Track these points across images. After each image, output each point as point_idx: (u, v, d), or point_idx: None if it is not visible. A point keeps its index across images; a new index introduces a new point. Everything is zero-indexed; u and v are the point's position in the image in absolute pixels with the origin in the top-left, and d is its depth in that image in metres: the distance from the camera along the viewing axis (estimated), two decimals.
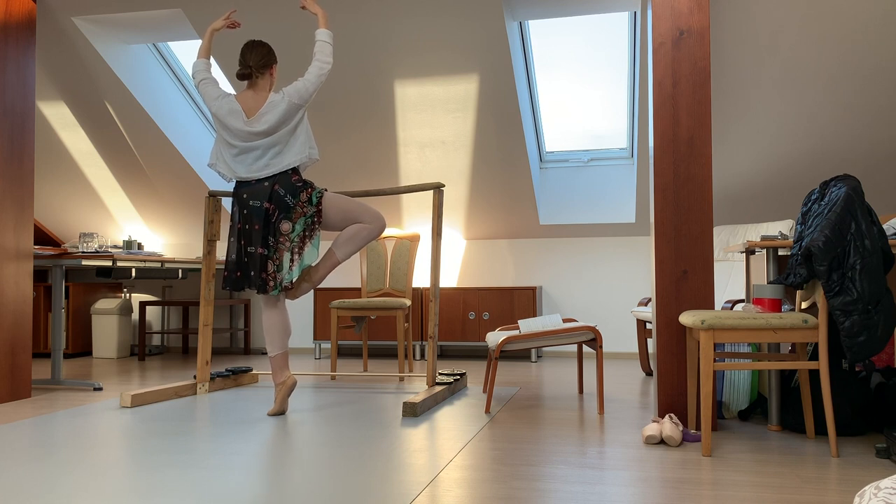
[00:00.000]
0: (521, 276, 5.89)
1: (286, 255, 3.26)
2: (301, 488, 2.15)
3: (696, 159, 3.06)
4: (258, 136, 3.25)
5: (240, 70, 3.33)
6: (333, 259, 3.35)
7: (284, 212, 3.25)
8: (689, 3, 3.08)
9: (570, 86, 5.26)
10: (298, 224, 3.27)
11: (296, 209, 3.26)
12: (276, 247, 3.25)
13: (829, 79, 4.21)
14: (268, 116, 3.24)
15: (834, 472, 2.34)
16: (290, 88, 3.25)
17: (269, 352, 3.38)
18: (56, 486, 2.18)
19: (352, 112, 5.06)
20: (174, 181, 5.86)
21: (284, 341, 3.38)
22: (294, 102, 3.24)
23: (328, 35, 3.32)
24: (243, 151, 3.27)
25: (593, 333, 3.42)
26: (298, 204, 3.26)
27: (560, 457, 2.54)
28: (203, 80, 3.40)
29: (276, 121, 3.23)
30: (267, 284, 3.25)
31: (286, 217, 3.25)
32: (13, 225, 3.84)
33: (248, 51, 3.33)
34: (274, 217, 3.25)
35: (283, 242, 3.26)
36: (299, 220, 3.27)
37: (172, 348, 6.50)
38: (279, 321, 3.37)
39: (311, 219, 3.29)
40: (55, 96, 5.31)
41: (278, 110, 3.24)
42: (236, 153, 3.29)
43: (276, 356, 3.36)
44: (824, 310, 2.58)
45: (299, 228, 3.28)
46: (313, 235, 3.29)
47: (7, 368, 3.77)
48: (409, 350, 4.85)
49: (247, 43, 3.35)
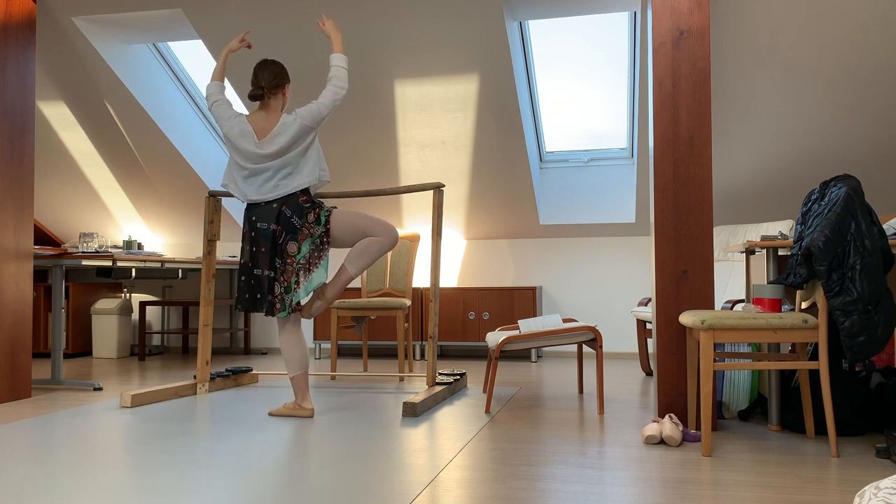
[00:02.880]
0: (521, 276, 5.89)
1: (293, 277, 3.22)
2: (301, 488, 2.15)
3: (696, 159, 3.06)
4: (269, 158, 3.22)
5: (252, 91, 3.28)
6: (346, 275, 3.28)
7: (291, 233, 3.20)
8: (689, 3, 3.08)
9: (569, 86, 5.26)
10: (305, 245, 3.23)
11: (302, 230, 3.22)
12: (283, 268, 3.20)
13: (829, 79, 4.21)
14: (279, 138, 3.20)
15: (834, 472, 2.34)
16: (303, 110, 3.21)
17: (288, 373, 3.31)
18: (56, 486, 2.18)
19: (352, 112, 5.06)
20: (174, 181, 5.86)
21: (302, 361, 3.32)
22: (307, 125, 3.20)
23: (343, 60, 3.28)
24: (254, 174, 3.25)
25: (593, 333, 3.42)
26: (305, 225, 3.22)
27: (560, 457, 2.54)
28: (216, 101, 3.36)
29: (287, 142, 3.20)
30: (274, 307, 3.21)
31: (292, 238, 3.21)
32: (13, 225, 3.84)
33: (260, 70, 3.28)
34: (281, 238, 3.21)
35: (290, 264, 3.21)
36: (305, 241, 3.22)
37: (172, 348, 6.50)
38: (292, 342, 3.31)
39: (318, 239, 3.24)
40: (55, 96, 5.31)
41: (290, 132, 3.20)
42: (247, 175, 3.26)
43: (296, 377, 3.31)
44: (824, 310, 2.58)
45: (306, 250, 3.23)
46: (322, 256, 3.25)
47: (7, 368, 3.77)
48: (409, 350, 4.85)
49: (259, 62, 3.31)
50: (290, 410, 3.30)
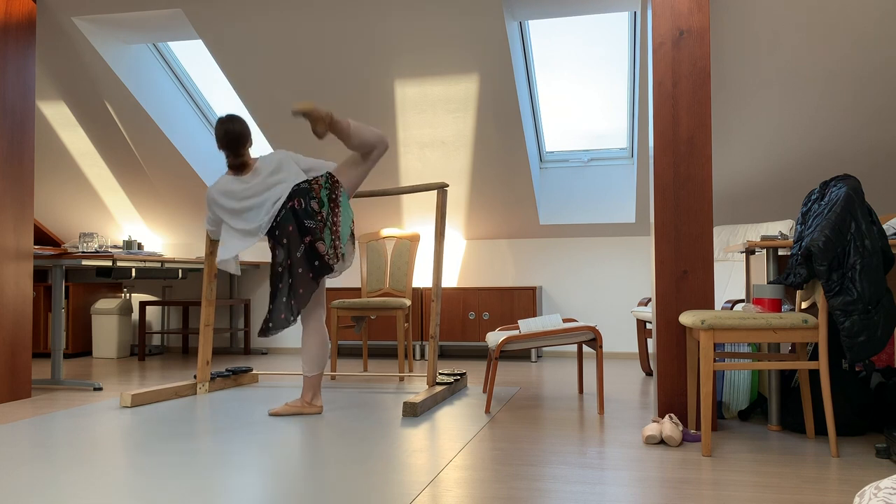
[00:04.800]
0: (521, 276, 5.89)
1: (327, 230, 3.26)
2: (301, 488, 2.15)
3: (696, 159, 3.06)
4: (257, 185, 3.27)
5: (231, 162, 3.33)
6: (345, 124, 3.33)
7: (306, 196, 3.26)
8: (689, 3, 3.08)
9: (570, 86, 5.26)
10: (323, 195, 3.28)
11: (313, 187, 3.28)
12: (317, 226, 3.24)
13: (829, 79, 4.21)
14: (262, 166, 3.30)
15: (834, 472, 2.34)
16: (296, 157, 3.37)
17: (306, 371, 3.35)
18: (56, 487, 2.18)
19: (352, 112, 5.06)
20: (174, 181, 5.86)
21: (323, 361, 3.36)
22: (296, 161, 3.32)
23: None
24: (251, 208, 3.28)
25: (593, 333, 3.42)
26: (314, 182, 3.29)
27: (560, 457, 2.54)
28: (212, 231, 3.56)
29: (273, 166, 3.29)
30: (327, 265, 3.23)
31: (311, 198, 3.26)
32: (13, 225, 3.84)
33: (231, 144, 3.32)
34: (301, 206, 3.25)
35: (319, 220, 3.26)
36: (321, 193, 3.28)
37: (172, 348, 6.50)
38: (317, 342, 3.34)
39: (327, 182, 3.29)
40: (55, 96, 5.31)
41: (274, 158, 3.31)
42: (244, 210, 3.28)
43: (314, 376, 3.36)
44: (824, 310, 2.58)
45: (325, 200, 3.28)
46: (338, 197, 3.29)
47: (7, 368, 3.77)
48: (410, 350, 4.85)
49: (224, 136, 3.31)
50: (297, 409, 3.31)
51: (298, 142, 5.37)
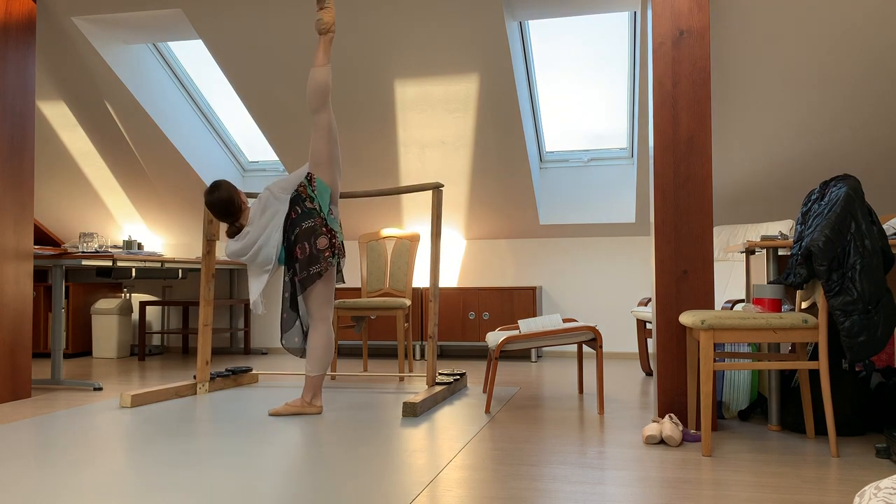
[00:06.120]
0: (520, 276, 5.89)
1: (324, 223, 3.34)
2: (301, 488, 2.15)
3: (696, 159, 3.06)
4: (256, 231, 3.30)
5: (229, 231, 3.38)
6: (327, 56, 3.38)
7: (301, 202, 3.31)
8: (689, 3, 3.08)
9: (570, 86, 5.26)
10: (311, 192, 3.32)
11: (300, 192, 3.32)
12: (315, 222, 3.30)
13: (828, 78, 4.21)
14: (254, 212, 3.33)
15: (834, 472, 2.34)
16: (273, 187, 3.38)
17: (310, 371, 3.36)
18: (56, 486, 2.18)
19: (352, 112, 5.06)
20: (174, 181, 5.86)
21: (327, 362, 3.37)
22: (273, 193, 3.32)
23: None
24: (259, 248, 3.30)
25: (593, 333, 3.42)
26: (300, 187, 3.33)
27: (560, 457, 2.54)
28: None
29: (262, 205, 3.31)
30: (337, 256, 3.32)
31: (302, 200, 3.31)
32: (13, 225, 3.84)
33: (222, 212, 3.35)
34: (298, 213, 3.31)
35: (317, 214, 3.32)
36: (308, 191, 3.32)
37: (172, 348, 6.50)
38: (324, 344, 3.35)
39: (309, 183, 3.34)
40: (55, 96, 5.31)
41: (260, 199, 3.33)
42: (256, 254, 3.31)
43: (317, 376, 3.36)
44: (824, 310, 2.58)
45: (314, 195, 3.32)
46: (313, 182, 3.34)
47: (7, 368, 3.77)
48: (409, 350, 4.85)
49: (211, 207, 3.35)
50: (297, 408, 3.31)
51: (298, 141, 5.37)
